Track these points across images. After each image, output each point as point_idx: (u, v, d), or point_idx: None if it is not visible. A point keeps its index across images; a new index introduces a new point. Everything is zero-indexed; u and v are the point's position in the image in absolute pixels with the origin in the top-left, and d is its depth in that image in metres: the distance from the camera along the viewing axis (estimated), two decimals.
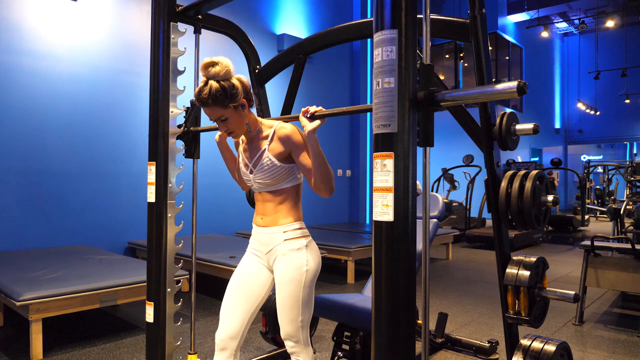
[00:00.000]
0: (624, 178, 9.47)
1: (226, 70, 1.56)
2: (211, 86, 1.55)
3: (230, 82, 1.58)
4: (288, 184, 1.69)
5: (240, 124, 1.65)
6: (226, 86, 1.56)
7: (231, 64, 1.58)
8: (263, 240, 1.71)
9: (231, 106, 1.59)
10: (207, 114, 1.60)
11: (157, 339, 2.03)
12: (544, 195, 1.41)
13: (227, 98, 1.56)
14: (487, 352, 2.84)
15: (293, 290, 1.62)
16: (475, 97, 1.12)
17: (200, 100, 1.57)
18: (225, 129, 1.63)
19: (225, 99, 1.56)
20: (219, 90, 1.55)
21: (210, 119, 1.61)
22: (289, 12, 7.20)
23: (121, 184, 5.05)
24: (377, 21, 1.13)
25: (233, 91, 1.57)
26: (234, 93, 1.58)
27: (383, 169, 1.11)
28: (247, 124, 1.68)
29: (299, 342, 1.65)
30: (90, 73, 4.85)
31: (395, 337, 1.09)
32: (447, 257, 6.61)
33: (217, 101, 1.56)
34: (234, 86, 1.58)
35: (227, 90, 1.56)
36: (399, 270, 1.10)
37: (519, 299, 1.40)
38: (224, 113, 1.59)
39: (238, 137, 1.69)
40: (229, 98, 1.57)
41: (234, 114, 1.61)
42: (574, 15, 15.01)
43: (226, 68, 1.56)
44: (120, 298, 3.09)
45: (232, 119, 1.61)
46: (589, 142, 18.62)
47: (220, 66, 1.55)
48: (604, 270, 3.56)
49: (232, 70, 1.59)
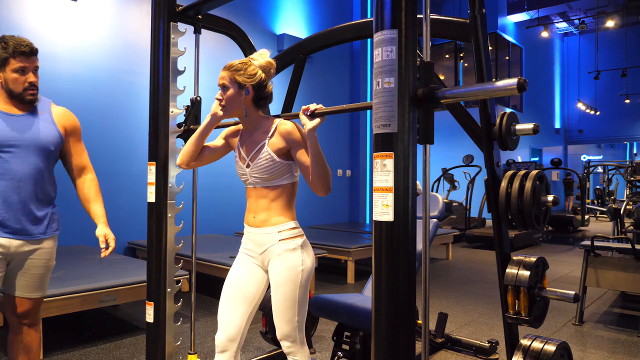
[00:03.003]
0: (624, 178, 9.48)
1: (266, 62, 1.69)
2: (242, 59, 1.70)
3: (255, 68, 1.66)
4: (284, 181, 1.68)
5: (233, 102, 1.66)
6: (248, 66, 1.65)
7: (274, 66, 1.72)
8: (257, 241, 1.70)
9: (238, 81, 1.64)
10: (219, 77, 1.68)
11: (157, 339, 2.03)
12: (544, 195, 1.41)
13: (242, 70, 1.64)
14: (487, 352, 2.84)
15: (289, 290, 1.62)
16: (476, 94, 1.12)
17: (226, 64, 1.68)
18: (221, 98, 1.67)
19: (239, 70, 1.64)
20: (244, 63, 1.67)
21: (218, 83, 1.68)
22: (289, 12, 7.20)
23: (121, 184, 5.05)
24: (377, 21, 1.13)
25: (250, 72, 1.65)
26: (250, 74, 1.65)
27: (383, 169, 1.11)
28: (245, 109, 1.68)
29: (296, 342, 1.65)
30: (90, 73, 4.85)
31: (395, 337, 1.09)
32: (447, 257, 6.61)
33: (232, 67, 1.66)
34: (254, 69, 1.66)
35: (247, 68, 1.65)
36: (399, 270, 1.09)
37: (519, 299, 1.40)
38: (229, 83, 1.65)
39: (227, 114, 1.69)
40: (243, 70, 1.64)
41: (235, 89, 1.65)
42: (574, 15, 15.01)
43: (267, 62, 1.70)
44: (120, 298, 3.09)
45: (231, 92, 1.65)
46: (589, 142, 18.62)
47: (264, 59, 1.70)
48: (604, 270, 3.55)
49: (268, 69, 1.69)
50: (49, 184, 1.90)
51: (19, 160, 1.77)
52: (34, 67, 1.82)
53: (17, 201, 1.77)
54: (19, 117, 1.81)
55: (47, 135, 1.85)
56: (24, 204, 1.79)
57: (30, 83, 1.81)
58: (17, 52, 1.76)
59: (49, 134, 1.86)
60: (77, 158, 1.99)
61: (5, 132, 1.76)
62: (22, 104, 1.83)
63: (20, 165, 1.78)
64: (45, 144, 1.84)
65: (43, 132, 1.84)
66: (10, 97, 1.81)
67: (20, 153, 1.78)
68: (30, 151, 1.80)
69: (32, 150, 1.80)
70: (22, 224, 1.79)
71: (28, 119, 1.83)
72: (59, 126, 1.90)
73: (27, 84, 1.80)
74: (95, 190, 2.03)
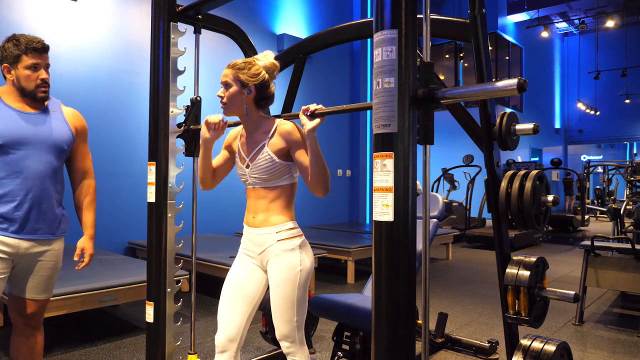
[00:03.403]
0: (624, 178, 9.48)
1: (271, 63, 1.69)
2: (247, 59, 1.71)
3: (259, 68, 1.66)
4: (284, 182, 1.68)
5: (234, 100, 1.66)
6: (252, 66, 1.65)
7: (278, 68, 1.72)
8: (256, 241, 1.70)
9: (240, 79, 1.64)
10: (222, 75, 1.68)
11: (157, 339, 2.03)
12: (544, 195, 1.41)
13: (245, 68, 1.64)
14: (487, 352, 2.84)
15: (288, 290, 1.62)
16: (476, 95, 1.12)
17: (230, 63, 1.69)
18: (222, 96, 1.67)
19: (243, 69, 1.64)
20: (248, 62, 1.67)
21: (221, 81, 1.68)
22: (289, 12, 7.20)
23: (121, 184, 5.05)
24: (377, 21, 1.13)
25: (254, 71, 1.65)
26: (254, 73, 1.65)
27: (383, 169, 1.11)
28: (246, 108, 1.68)
29: (295, 342, 1.65)
30: (90, 73, 4.85)
31: (395, 337, 1.09)
32: (447, 257, 6.61)
33: (236, 66, 1.66)
34: (258, 69, 1.66)
35: (250, 67, 1.65)
36: (399, 270, 1.09)
37: (519, 299, 1.40)
38: (232, 81, 1.65)
39: (228, 112, 1.69)
40: (246, 69, 1.64)
41: (237, 88, 1.65)
42: (574, 15, 15.01)
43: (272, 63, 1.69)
44: (120, 298, 3.09)
45: (233, 90, 1.65)
46: (589, 142, 18.62)
47: (269, 60, 1.69)
48: (604, 270, 3.56)
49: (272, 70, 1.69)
50: (61, 184, 1.88)
51: (34, 158, 1.75)
52: (45, 64, 1.82)
53: (30, 200, 1.75)
54: (33, 115, 1.79)
55: (60, 134, 1.83)
56: (37, 204, 1.77)
57: (42, 80, 1.80)
58: (29, 48, 1.76)
59: (63, 133, 1.84)
60: (82, 161, 1.98)
61: (20, 130, 1.73)
62: (35, 101, 1.81)
63: (35, 164, 1.75)
64: (59, 143, 1.83)
65: (57, 130, 1.82)
66: (22, 95, 1.79)
67: (35, 151, 1.75)
68: (45, 149, 1.78)
69: (47, 149, 1.78)
70: (34, 224, 1.76)
71: (41, 117, 1.81)
72: (71, 126, 1.89)
73: (40, 81, 1.79)
74: (91, 198, 2.00)
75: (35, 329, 1.90)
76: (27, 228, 1.75)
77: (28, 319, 1.86)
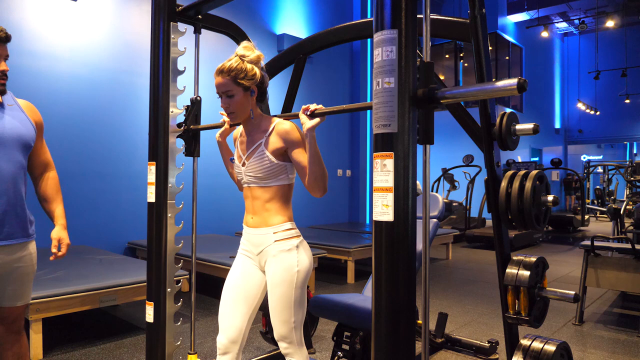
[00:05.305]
0: (624, 178, 9.47)
1: (256, 56, 1.66)
2: (234, 60, 1.63)
3: (253, 67, 1.64)
4: (278, 182, 1.67)
5: (243, 107, 1.66)
6: (246, 67, 1.63)
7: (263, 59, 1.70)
8: (254, 241, 1.70)
9: (242, 84, 1.62)
10: (217, 85, 1.63)
11: (157, 339, 2.03)
12: (544, 195, 1.41)
13: (242, 72, 1.62)
14: (487, 352, 2.84)
15: (285, 291, 1.62)
16: (476, 95, 1.12)
17: (219, 69, 1.63)
18: (228, 106, 1.65)
19: (240, 73, 1.61)
20: (239, 63, 1.62)
21: (218, 91, 1.65)
22: (289, 12, 7.20)
23: (121, 184, 5.05)
24: (377, 21, 1.13)
25: (251, 73, 1.63)
26: (252, 75, 1.63)
27: (383, 169, 1.11)
28: (251, 110, 1.68)
29: (293, 342, 1.64)
30: (90, 73, 4.85)
31: (395, 337, 1.09)
32: (447, 257, 6.61)
33: (231, 72, 1.61)
34: (253, 69, 1.64)
35: (246, 69, 1.62)
36: (399, 270, 1.09)
37: (519, 299, 1.40)
38: (233, 89, 1.62)
39: (237, 119, 1.68)
40: (243, 73, 1.62)
41: (241, 94, 1.63)
42: (574, 15, 15.01)
43: (257, 55, 1.66)
44: (120, 298, 3.09)
45: (237, 98, 1.63)
46: (589, 142, 18.61)
47: (254, 53, 1.66)
48: (604, 270, 3.56)
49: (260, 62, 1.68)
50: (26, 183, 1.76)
51: (4, 159, 1.63)
52: (5, 55, 1.68)
53: (5, 204, 1.64)
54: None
55: (27, 131, 1.71)
56: (13, 207, 1.66)
57: (1, 72, 1.66)
58: None
59: (28, 129, 1.71)
60: (42, 155, 1.86)
61: None
62: None
63: (6, 165, 1.63)
64: (27, 140, 1.70)
65: (22, 127, 1.69)
66: None
67: (4, 151, 1.63)
68: (13, 148, 1.65)
69: (15, 147, 1.66)
70: (9, 229, 1.66)
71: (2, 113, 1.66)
72: (32, 120, 1.76)
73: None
74: (56, 189, 1.89)
75: (18, 334, 1.80)
76: (3, 234, 1.65)
77: (9, 326, 1.76)
